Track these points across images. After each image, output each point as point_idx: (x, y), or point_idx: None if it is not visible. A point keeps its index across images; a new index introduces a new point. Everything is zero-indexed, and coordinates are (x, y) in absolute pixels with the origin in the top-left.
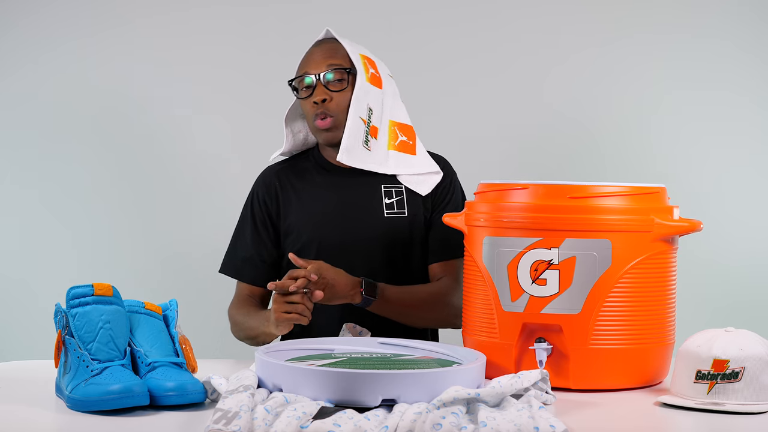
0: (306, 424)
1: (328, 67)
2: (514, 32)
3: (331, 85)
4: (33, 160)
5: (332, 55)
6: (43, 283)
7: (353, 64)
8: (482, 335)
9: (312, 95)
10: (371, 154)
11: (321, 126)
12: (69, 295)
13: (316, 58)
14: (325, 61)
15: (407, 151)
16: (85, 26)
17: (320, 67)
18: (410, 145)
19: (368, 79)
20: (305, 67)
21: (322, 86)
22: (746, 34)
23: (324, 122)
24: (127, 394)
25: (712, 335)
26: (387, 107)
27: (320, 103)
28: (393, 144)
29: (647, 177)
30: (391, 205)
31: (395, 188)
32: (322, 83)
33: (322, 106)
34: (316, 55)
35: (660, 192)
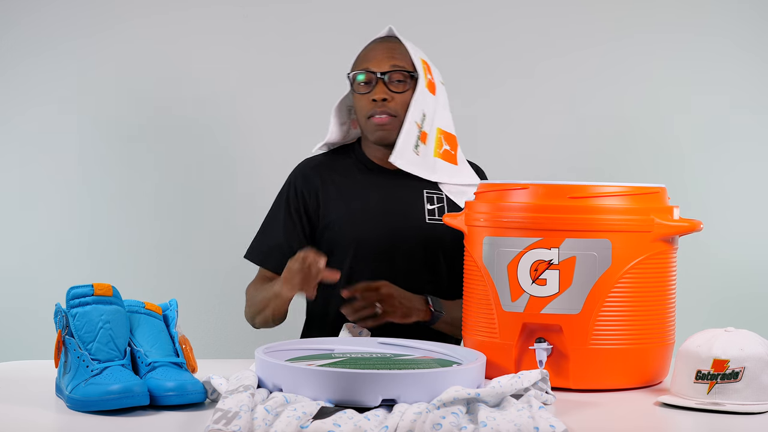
0: (306, 424)
1: (391, 67)
2: (513, 31)
3: (393, 86)
4: (33, 159)
5: (395, 56)
6: (43, 283)
7: (415, 68)
8: (482, 335)
9: (371, 92)
10: (420, 159)
11: (378, 122)
12: (69, 295)
13: (379, 56)
14: (388, 61)
15: (450, 160)
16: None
17: (382, 66)
18: (452, 155)
19: (426, 84)
20: (366, 62)
21: (383, 85)
22: (747, 33)
23: (382, 119)
24: (127, 394)
25: (712, 335)
26: (438, 114)
27: (380, 101)
28: (438, 152)
29: (647, 177)
30: (433, 212)
31: (437, 195)
32: (384, 82)
33: (382, 104)
34: (378, 52)
35: (660, 192)
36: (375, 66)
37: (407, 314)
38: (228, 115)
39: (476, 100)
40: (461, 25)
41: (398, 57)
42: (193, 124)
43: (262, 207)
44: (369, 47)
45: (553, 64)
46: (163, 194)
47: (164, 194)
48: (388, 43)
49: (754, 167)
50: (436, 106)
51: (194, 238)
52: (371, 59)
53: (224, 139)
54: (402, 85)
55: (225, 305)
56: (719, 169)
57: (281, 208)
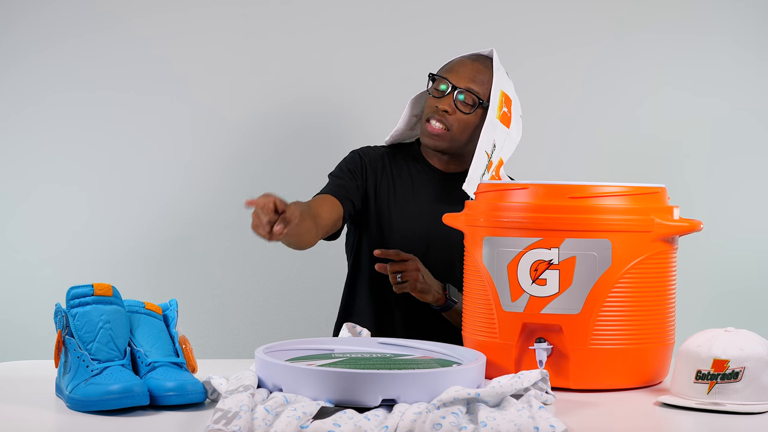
0: (306, 424)
1: (466, 88)
2: (511, 30)
3: (459, 104)
4: (32, 159)
5: (476, 78)
6: (43, 283)
7: (489, 98)
8: (482, 335)
9: (440, 100)
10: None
11: (432, 131)
12: (69, 295)
13: (462, 72)
14: (468, 81)
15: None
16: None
17: (461, 82)
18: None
19: (499, 116)
20: (450, 72)
21: (451, 99)
22: (747, 33)
23: (436, 128)
24: (127, 394)
25: (712, 335)
26: (507, 148)
27: (441, 111)
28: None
29: (647, 177)
30: None
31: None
32: (453, 97)
33: (443, 114)
34: (464, 67)
35: (660, 192)
36: (454, 78)
37: (425, 291)
38: (228, 115)
39: None
40: (460, 23)
41: (479, 81)
42: (193, 124)
43: None
44: (461, 59)
45: (553, 63)
46: (163, 194)
47: (164, 194)
48: (478, 63)
49: (754, 167)
50: (506, 138)
51: (194, 238)
52: (455, 71)
53: (224, 139)
54: (468, 107)
55: (225, 305)
56: (719, 169)
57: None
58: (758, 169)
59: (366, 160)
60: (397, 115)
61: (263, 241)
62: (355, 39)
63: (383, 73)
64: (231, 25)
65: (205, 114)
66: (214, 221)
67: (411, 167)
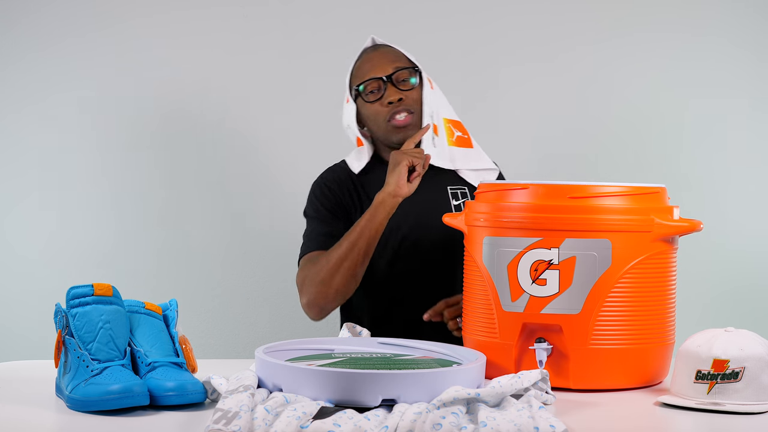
0: (306, 424)
1: (394, 69)
2: (511, 30)
3: (402, 85)
4: (32, 159)
5: (394, 59)
6: (43, 283)
7: (416, 64)
8: (482, 335)
9: (383, 97)
10: (438, 151)
11: (400, 123)
12: (69, 295)
13: (378, 63)
14: (390, 64)
15: (465, 144)
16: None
17: (386, 69)
18: (466, 139)
19: (426, 79)
20: (367, 72)
21: (393, 86)
22: (746, 33)
23: (403, 120)
24: (127, 394)
25: (712, 335)
26: (441, 106)
27: (396, 101)
28: (451, 140)
29: (647, 177)
30: (459, 207)
31: (460, 189)
32: (393, 83)
33: (399, 104)
34: (375, 60)
35: (660, 192)
36: (379, 72)
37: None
38: (228, 115)
39: (475, 100)
40: (459, 23)
41: (396, 59)
42: (194, 124)
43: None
44: (362, 59)
45: (553, 63)
46: (164, 194)
47: (164, 194)
48: (380, 49)
49: (755, 167)
50: (436, 98)
51: (194, 238)
52: (371, 68)
53: (225, 139)
54: (409, 83)
55: (225, 305)
56: (719, 169)
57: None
58: (758, 169)
59: (335, 189)
60: None
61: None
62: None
63: None
64: (231, 25)
65: (205, 114)
66: (214, 221)
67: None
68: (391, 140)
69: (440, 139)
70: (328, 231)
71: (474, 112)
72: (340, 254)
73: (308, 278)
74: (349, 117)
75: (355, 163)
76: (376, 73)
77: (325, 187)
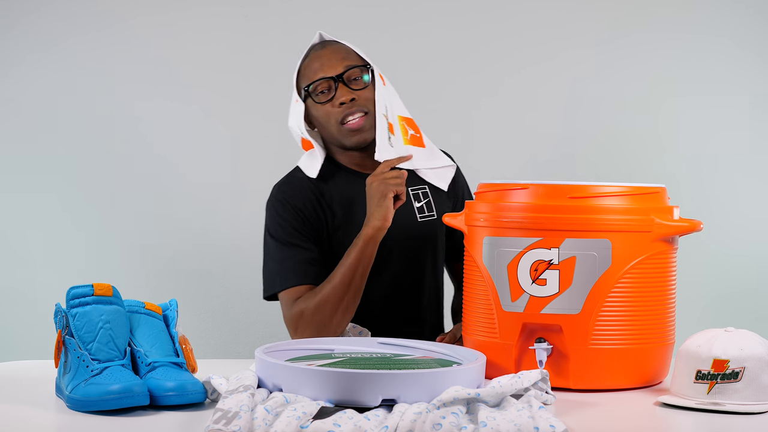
0: (306, 424)
1: (345, 67)
2: (511, 30)
3: (353, 84)
4: (32, 159)
5: (344, 56)
6: (43, 283)
7: (367, 61)
8: (482, 335)
9: (335, 98)
10: (395, 151)
11: (354, 126)
12: (69, 295)
13: (327, 61)
14: (340, 62)
15: (419, 144)
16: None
17: (337, 68)
18: (419, 138)
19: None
20: (317, 71)
21: (344, 86)
22: (747, 33)
23: (357, 122)
24: (127, 394)
25: (712, 335)
26: (394, 102)
27: (348, 102)
28: (406, 139)
29: (647, 177)
30: (422, 209)
31: (421, 190)
32: (345, 83)
33: (351, 104)
34: (325, 58)
35: (660, 192)
36: (329, 71)
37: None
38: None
39: (475, 100)
40: (459, 23)
41: (346, 56)
42: (193, 124)
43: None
44: (310, 57)
45: (553, 63)
46: (164, 194)
47: (165, 194)
48: (329, 46)
49: (755, 167)
50: (389, 94)
51: (194, 238)
52: (321, 66)
53: (225, 138)
54: (360, 81)
55: (225, 305)
56: (719, 169)
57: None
58: (758, 168)
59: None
60: None
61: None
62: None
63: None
64: (231, 25)
65: (205, 114)
66: (214, 221)
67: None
68: (344, 143)
69: (396, 138)
70: (309, 258)
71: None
72: (336, 295)
73: (303, 321)
74: (297, 118)
75: (310, 168)
76: (326, 73)
77: (288, 204)
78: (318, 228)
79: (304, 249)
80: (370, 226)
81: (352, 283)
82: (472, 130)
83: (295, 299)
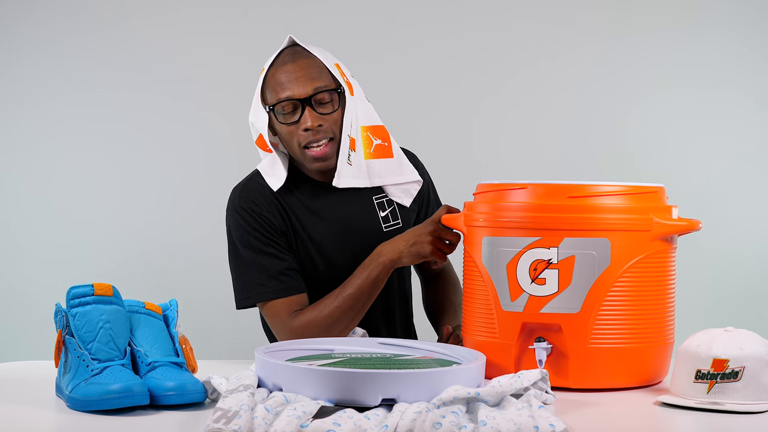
0: (306, 423)
1: (314, 90)
2: (512, 30)
3: (322, 108)
4: (31, 158)
5: (314, 75)
6: (43, 283)
7: (338, 82)
8: (482, 335)
9: (300, 121)
10: (354, 170)
11: (318, 155)
12: (69, 294)
13: (297, 80)
14: (309, 83)
15: (384, 155)
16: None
17: (306, 89)
18: (386, 147)
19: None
20: (285, 90)
21: (312, 110)
22: (747, 33)
23: (322, 150)
24: (127, 394)
25: (711, 335)
26: (359, 113)
27: (315, 128)
28: (368, 152)
29: (646, 176)
30: (387, 218)
31: (385, 198)
32: (312, 106)
33: (317, 131)
34: (294, 75)
35: (659, 191)
36: (297, 92)
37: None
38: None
39: (475, 100)
40: (460, 25)
41: (317, 76)
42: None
43: None
44: (279, 68)
45: (552, 63)
46: (164, 194)
47: (165, 194)
48: (300, 60)
49: (754, 166)
50: (356, 105)
51: (194, 238)
52: (290, 85)
53: (225, 138)
54: (330, 105)
55: (225, 305)
56: (718, 169)
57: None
58: (757, 168)
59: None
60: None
61: None
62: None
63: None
64: (232, 25)
65: (206, 114)
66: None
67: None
68: (308, 166)
69: (357, 154)
70: (285, 267)
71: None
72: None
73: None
74: (261, 122)
75: (273, 179)
76: (293, 93)
77: (254, 213)
78: (287, 236)
79: (280, 258)
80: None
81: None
82: (471, 130)
83: (295, 310)
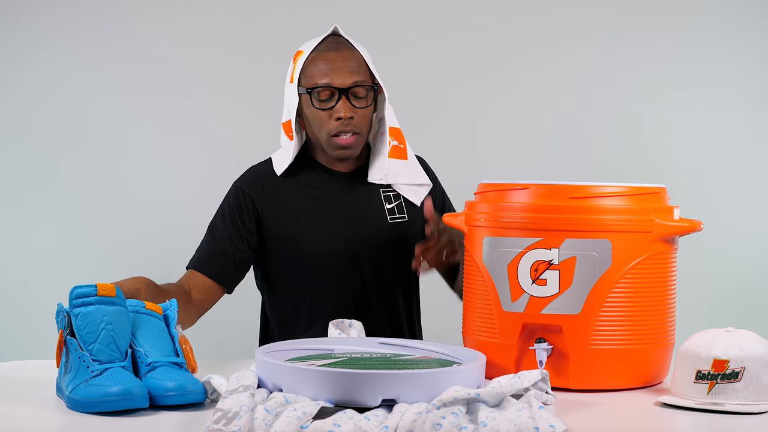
0: (306, 424)
1: (353, 83)
2: (512, 31)
3: (356, 102)
4: (31, 158)
5: (355, 69)
6: (44, 283)
7: (374, 79)
8: (482, 335)
9: (335, 109)
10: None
11: (344, 143)
12: (72, 294)
13: (340, 69)
14: (350, 75)
15: (400, 155)
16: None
17: (345, 80)
18: (402, 149)
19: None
20: (327, 76)
21: (347, 101)
22: (747, 33)
23: (349, 139)
24: (127, 397)
25: (712, 335)
26: (387, 114)
27: (347, 119)
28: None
29: (647, 177)
30: (393, 210)
31: (392, 192)
32: (348, 98)
33: (348, 122)
34: (338, 63)
35: (660, 192)
36: (338, 80)
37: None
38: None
39: (476, 100)
40: (462, 25)
41: (357, 69)
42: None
43: None
44: (321, 54)
45: (553, 64)
46: (164, 194)
47: (165, 194)
48: (343, 51)
49: (755, 167)
50: (386, 105)
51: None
52: (329, 72)
53: (225, 137)
54: (364, 100)
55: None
56: (720, 169)
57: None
58: (758, 168)
59: (249, 194)
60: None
61: None
62: None
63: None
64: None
65: (206, 114)
66: None
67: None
68: (329, 153)
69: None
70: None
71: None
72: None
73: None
74: (291, 105)
75: (278, 165)
76: (332, 81)
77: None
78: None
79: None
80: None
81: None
82: (472, 130)
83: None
